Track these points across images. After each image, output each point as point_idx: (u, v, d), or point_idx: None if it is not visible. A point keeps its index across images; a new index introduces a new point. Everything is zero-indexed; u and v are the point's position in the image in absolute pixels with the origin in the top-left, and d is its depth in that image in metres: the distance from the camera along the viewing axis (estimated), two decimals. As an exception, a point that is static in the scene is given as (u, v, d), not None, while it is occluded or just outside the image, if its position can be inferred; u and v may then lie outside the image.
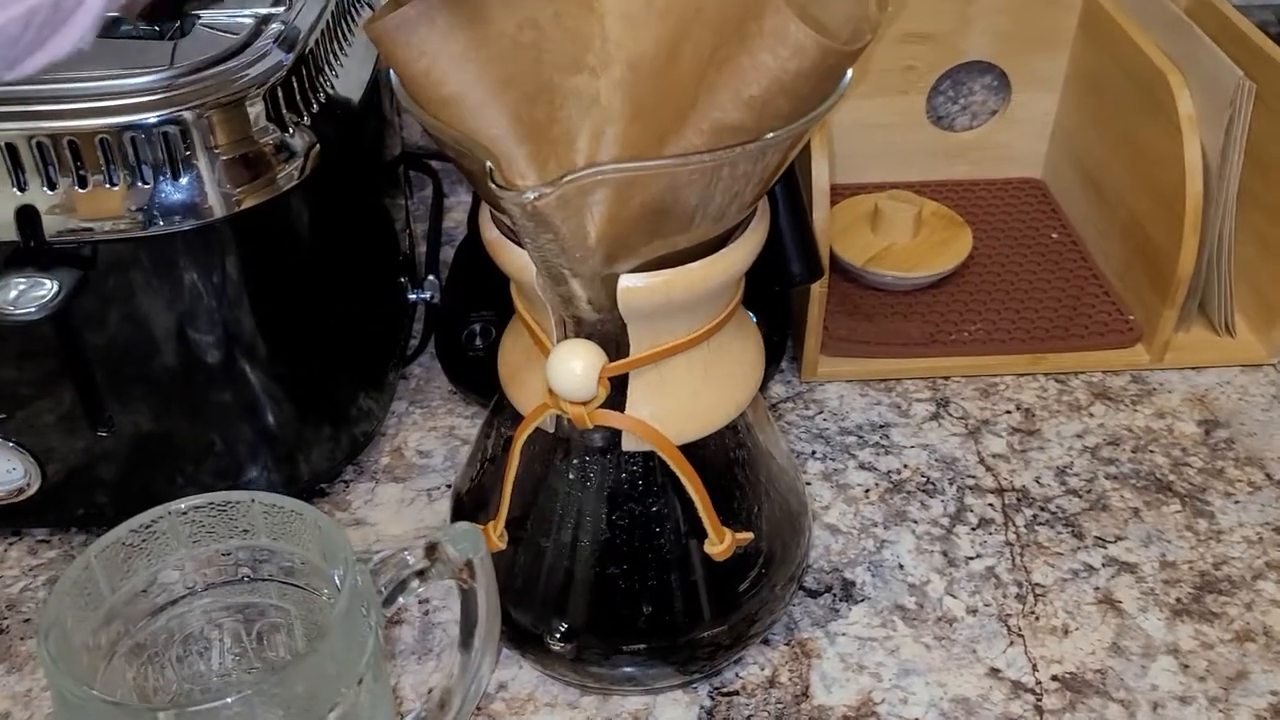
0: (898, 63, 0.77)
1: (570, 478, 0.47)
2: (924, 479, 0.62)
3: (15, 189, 0.46)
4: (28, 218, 0.46)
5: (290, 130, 0.50)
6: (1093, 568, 0.57)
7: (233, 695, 0.35)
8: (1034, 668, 0.52)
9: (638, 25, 0.39)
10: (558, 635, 0.47)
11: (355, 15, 0.60)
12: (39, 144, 0.45)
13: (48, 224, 0.47)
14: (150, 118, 0.46)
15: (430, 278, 0.69)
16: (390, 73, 0.39)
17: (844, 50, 0.35)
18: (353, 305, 0.59)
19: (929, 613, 0.54)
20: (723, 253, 0.41)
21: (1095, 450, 0.63)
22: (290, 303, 0.54)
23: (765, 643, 0.53)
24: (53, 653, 0.36)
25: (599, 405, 0.42)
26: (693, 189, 0.37)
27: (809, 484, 0.61)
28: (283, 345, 0.53)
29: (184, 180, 0.47)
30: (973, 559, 0.57)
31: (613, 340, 0.42)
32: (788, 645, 0.53)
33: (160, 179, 0.47)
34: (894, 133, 0.80)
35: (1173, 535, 0.58)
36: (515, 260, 0.41)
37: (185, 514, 0.41)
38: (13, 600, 0.55)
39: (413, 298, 0.69)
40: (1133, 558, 0.57)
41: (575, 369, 0.41)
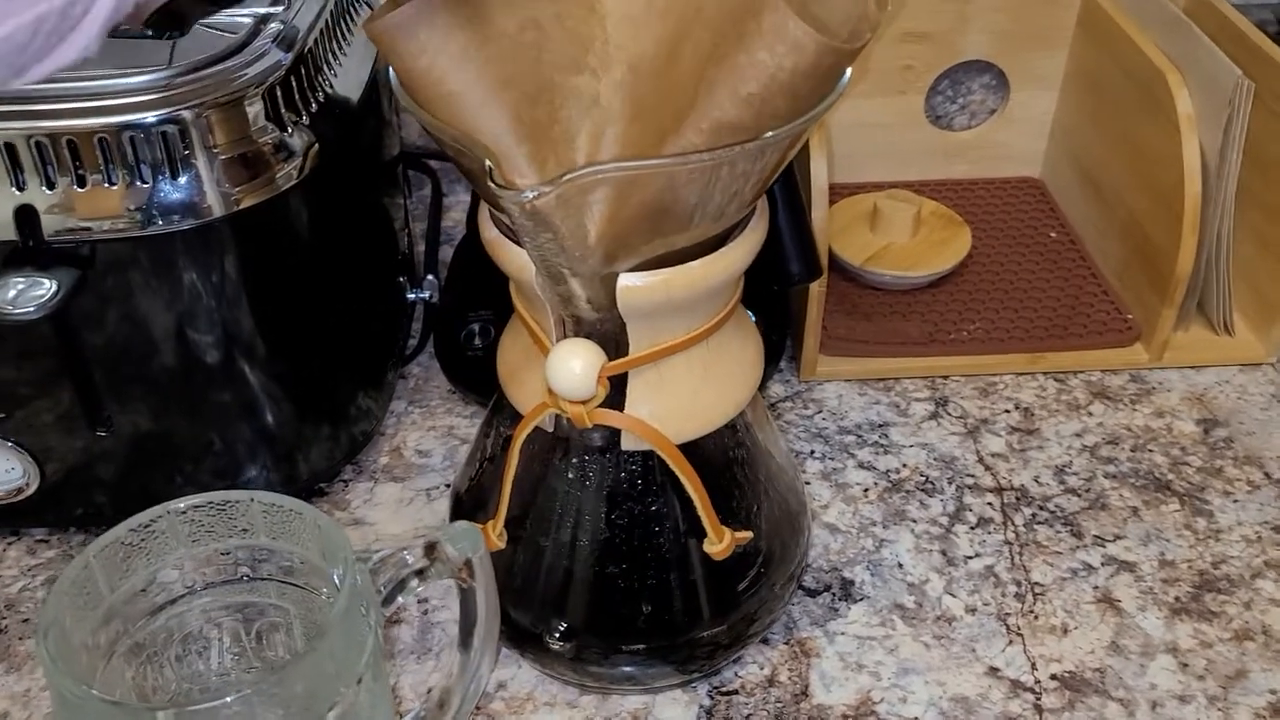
0: (896, 62, 0.77)
1: (569, 477, 0.47)
2: (923, 478, 0.62)
3: (14, 188, 0.46)
4: (26, 217, 0.46)
5: (289, 130, 0.50)
6: (1092, 567, 0.57)
7: (232, 695, 0.35)
8: (1033, 667, 0.52)
9: (638, 26, 0.39)
10: (557, 634, 0.47)
11: (354, 14, 0.60)
12: (37, 143, 0.45)
13: (46, 223, 0.47)
14: (149, 117, 0.46)
15: (429, 277, 0.69)
16: (389, 72, 0.39)
17: (843, 49, 0.35)
18: (351, 305, 0.59)
19: (928, 612, 0.54)
20: (722, 252, 0.41)
21: (1094, 449, 0.63)
22: (289, 302, 0.54)
23: (764, 642, 0.53)
24: (52, 652, 0.36)
25: (598, 404, 0.42)
26: (692, 188, 0.37)
27: (808, 483, 0.61)
28: (281, 345, 0.53)
29: (183, 180, 0.47)
30: (972, 558, 0.57)
31: (612, 339, 0.42)
32: (787, 644, 0.53)
33: (159, 178, 0.47)
34: (893, 132, 0.80)
35: (1171, 534, 0.58)
36: (514, 259, 0.41)
37: (184, 513, 0.41)
38: (11, 600, 0.55)
39: (411, 297, 0.69)
40: (1132, 557, 0.57)
41: (574, 368, 0.41)
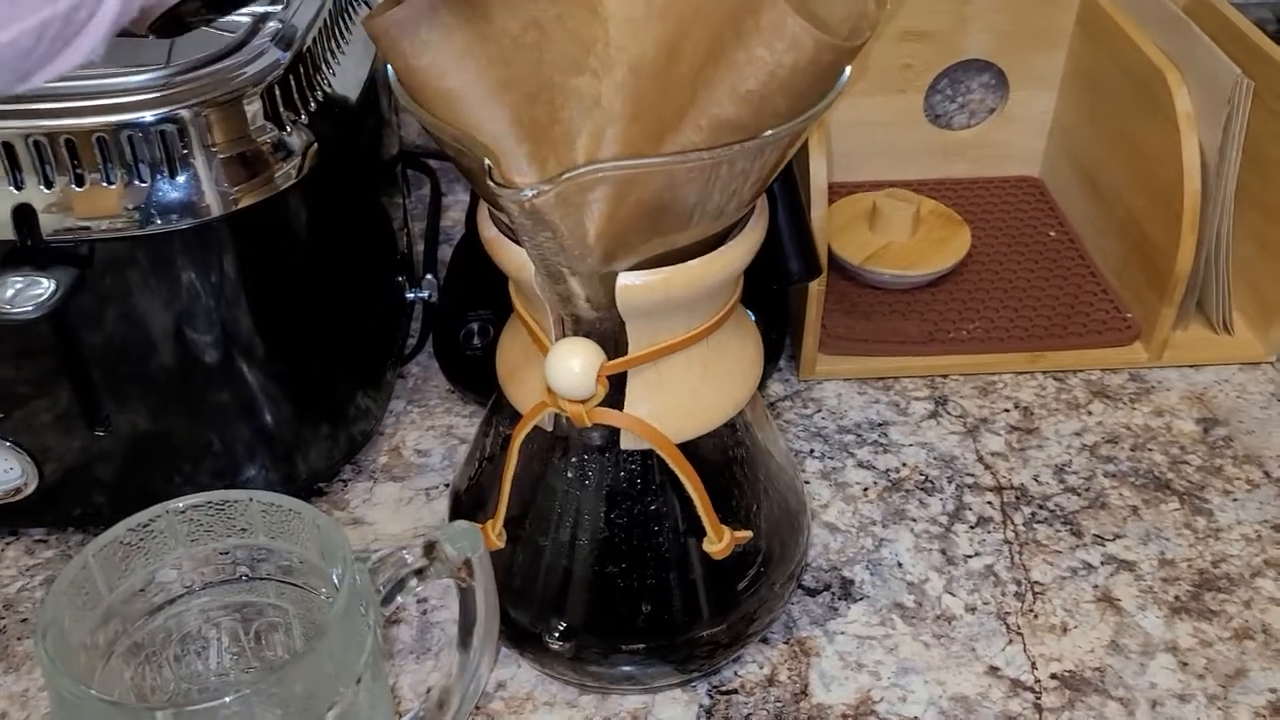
0: (896, 61, 0.77)
1: (569, 476, 0.47)
2: (923, 477, 0.61)
3: (12, 187, 0.46)
4: (24, 216, 0.46)
5: (288, 129, 0.50)
6: (1091, 566, 0.57)
7: (231, 695, 0.35)
8: (1033, 666, 0.52)
9: (639, 28, 0.39)
10: (556, 634, 0.47)
11: (353, 13, 0.60)
12: (35, 142, 0.45)
13: (45, 223, 0.47)
14: (147, 116, 0.46)
15: (428, 276, 0.69)
16: (388, 71, 0.39)
17: (841, 46, 0.35)
18: (350, 304, 0.59)
19: (928, 611, 0.54)
20: (721, 250, 0.41)
21: (1094, 448, 0.63)
22: (288, 302, 0.53)
23: (764, 641, 0.53)
24: (50, 652, 0.36)
25: (597, 403, 0.42)
26: (691, 187, 0.37)
27: (807, 482, 0.61)
28: (280, 344, 0.53)
29: (181, 179, 0.47)
30: (971, 557, 0.57)
31: (611, 338, 0.42)
32: (786, 644, 0.53)
33: (157, 177, 0.47)
34: (892, 131, 0.80)
35: (1171, 533, 0.58)
36: (513, 258, 0.41)
37: (183, 513, 0.41)
38: (10, 600, 0.55)
39: (410, 297, 0.69)
40: (1131, 556, 0.57)
41: (574, 367, 0.41)
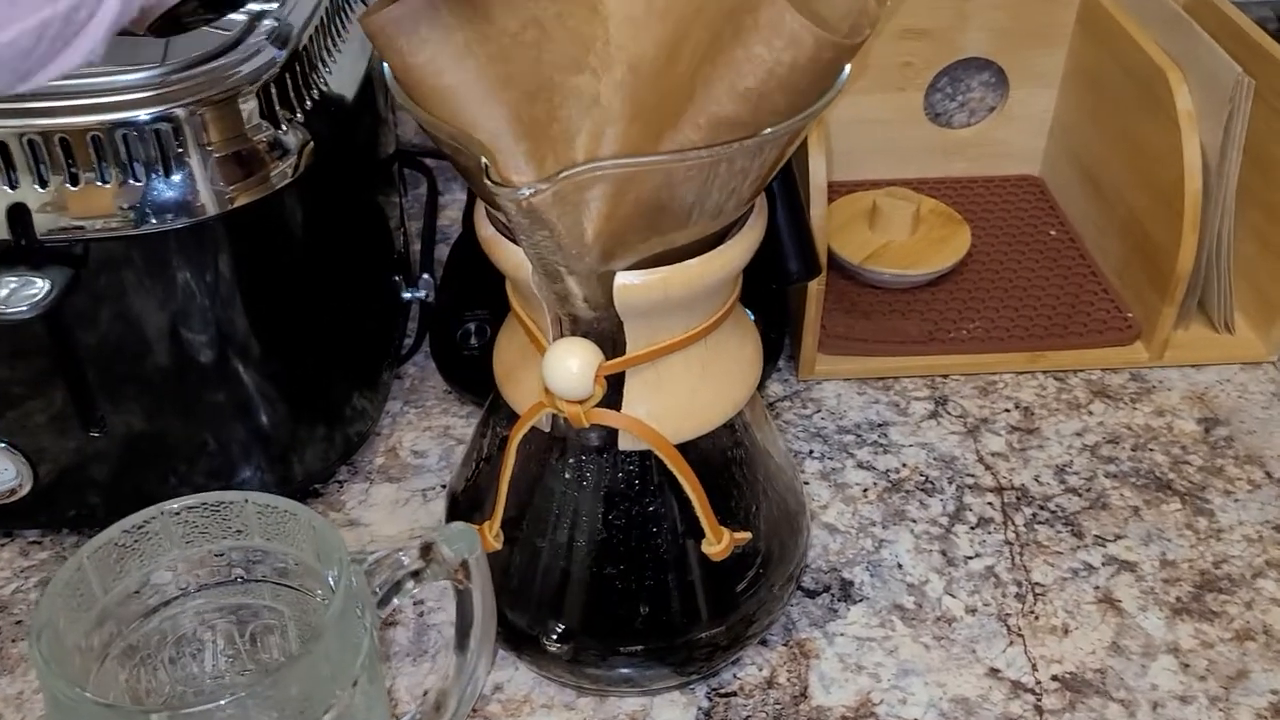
0: (895, 59, 0.77)
1: (566, 477, 0.46)
2: (923, 478, 0.61)
3: (6, 187, 0.46)
4: (19, 216, 0.46)
5: (284, 127, 0.50)
6: (1092, 567, 0.56)
7: (226, 697, 0.35)
8: (1034, 667, 0.52)
9: (639, 27, 0.39)
10: (554, 636, 0.47)
11: (349, 11, 0.60)
12: (30, 141, 0.45)
13: (39, 222, 0.46)
14: (142, 115, 0.46)
15: (425, 276, 0.69)
16: (385, 69, 0.39)
17: (840, 43, 0.35)
18: (347, 304, 0.59)
19: (928, 612, 0.54)
20: (720, 249, 0.41)
21: (1094, 448, 0.63)
22: (284, 301, 0.53)
23: (763, 643, 0.52)
24: (45, 654, 0.36)
25: (595, 404, 0.42)
26: (690, 185, 0.37)
27: (807, 483, 0.61)
28: (276, 344, 0.53)
29: (176, 178, 0.47)
30: (972, 558, 0.57)
31: (609, 338, 0.42)
32: (786, 646, 0.53)
33: (152, 177, 0.46)
34: (892, 129, 0.80)
35: (1172, 534, 0.58)
36: (511, 258, 0.41)
37: (178, 514, 0.41)
38: (4, 602, 0.54)
39: (407, 296, 0.69)
40: (1132, 556, 0.57)
41: (571, 367, 0.41)
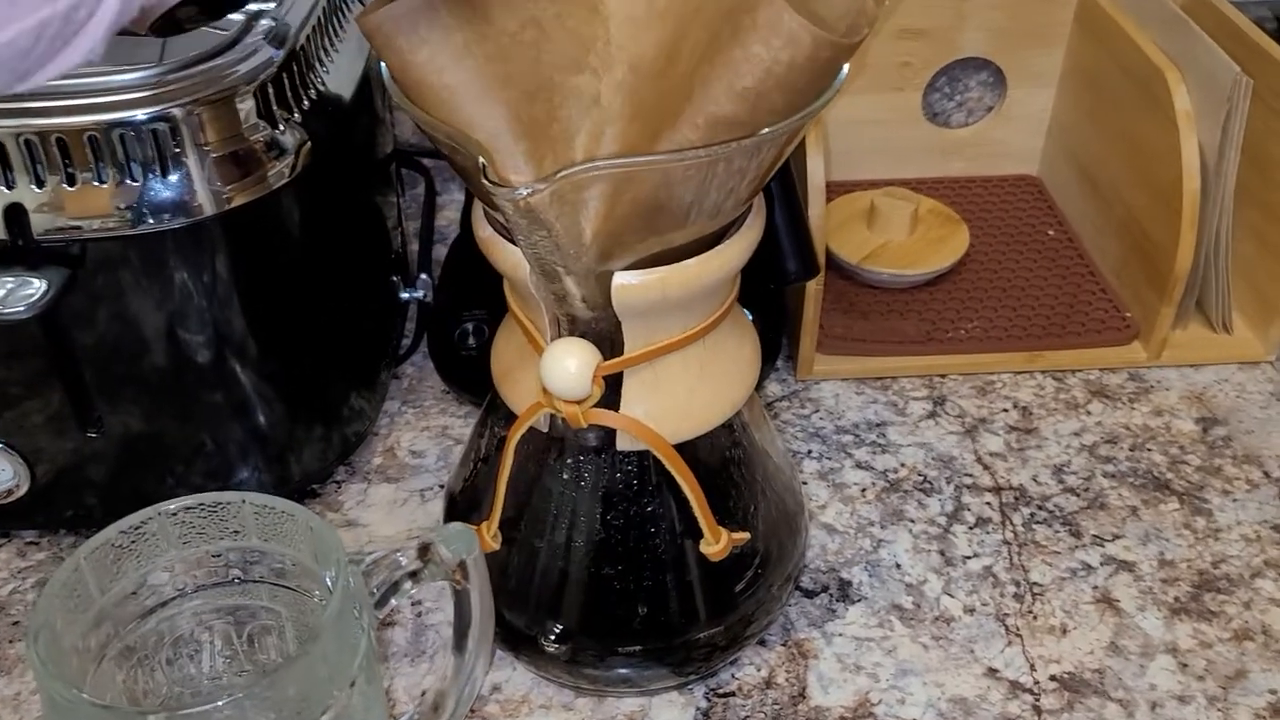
0: (893, 59, 0.77)
1: (564, 477, 0.46)
2: (921, 478, 0.61)
3: (3, 187, 0.46)
4: (15, 216, 0.46)
5: (281, 127, 0.50)
6: (1091, 566, 0.56)
7: (223, 698, 0.35)
8: (1032, 667, 0.52)
9: (640, 27, 0.39)
10: (552, 637, 0.47)
11: (346, 11, 0.59)
12: (26, 141, 0.45)
13: (36, 222, 0.46)
14: (139, 114, 0.45)
15: (423, 276, 0.69)
16: (382, 68, 0.39)
17: (838, 42, 0.35)
18: (344, 304, 0.59)
19: (926, 612, 0.54)
20: (718, 249, 0.41)
21: (1093, 448, 0.63)
22: (281, 301, 0.53)
23: (762, 643, 0.52)
24: (42, 655, 0.36)
25: (593, 404, 0.42)
26: (688, 185, 0.37)
27: (805, 483, 0.61)
28: (274, 344, 0.53)
29: (173, 178, 0.47)
30: (970, 558, 0.57)
31: (607, 338, 0.42)
32: (784, 646, 0.52)
33: (149, 176, 0.46)
34: (890, 129, 0.80)
35: (1171, 534, 0.58)
36: (509, 258, 0.41)
37: (175, 515, 0.41)
38: (1, 602, 0.54)
39: (405, 296, 0.69)
40: (1131, 556, 0.57)
41: (569, 367, 0.41)
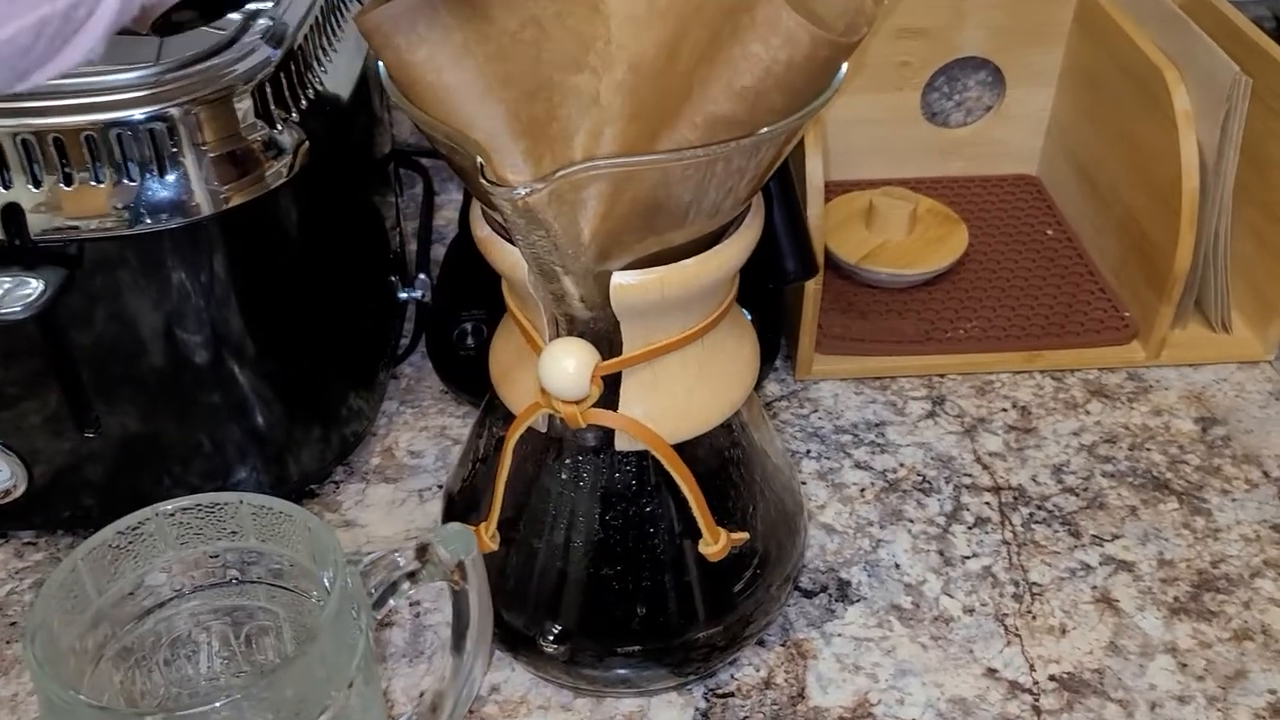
0: (892, 58, 0.77)
1: (563, 478, 0.46)
2: (920, 478, 0.61)
3: (0, 187, 0.46)
4: (12, 216, 0.46)
5: (279, 127, 0.50)
6: (1090, 566, 0.56)
7: (221, 699, 0.35)
8: (1031, 668, 0.51)
9: (641, 26, 0.39)
10: (551, 637, 0.47)
11: (344, 10, 0.59)
12: (23, 141, 0.45)
13: (33, 222, 0.46)
14: (136, 114, 0.45)
15: (421, 276, 0.69)
16: (380, 67, 0.39)
17: (837, 41, 0.35)
18: (342, 304, 0.59)
19: (925, 613, 0.54)
20: (717, 249, 0.41)
21: (1092, 448, 0.63)
22: (279, 302, 0.53)
23: (760, 644, 0.52)
24: (39, 656, 0.36)
25: (592, 404, 0.42)
26: (686, 184, 0.36)
27: (804, 483, 0.61)
28: (271, 345, 0.53)
29: (171, 178, 0.47)
30: (969, 558, 0.57)
31: (605, 338, 0.42)
32: (783, 646, 0.52)
33: (147, 176, 0.46)
34: (888, 129, 0.79)
35: (1170, 533, 0.58)
36: (507, 258, 0.41)
37: (173, 516, 0.41)
38: (-1, 603, 0.54)
39: (403, 296, 0.68)
40: (1130, 556, 0.57)
41: (568, 367, 0.41)
